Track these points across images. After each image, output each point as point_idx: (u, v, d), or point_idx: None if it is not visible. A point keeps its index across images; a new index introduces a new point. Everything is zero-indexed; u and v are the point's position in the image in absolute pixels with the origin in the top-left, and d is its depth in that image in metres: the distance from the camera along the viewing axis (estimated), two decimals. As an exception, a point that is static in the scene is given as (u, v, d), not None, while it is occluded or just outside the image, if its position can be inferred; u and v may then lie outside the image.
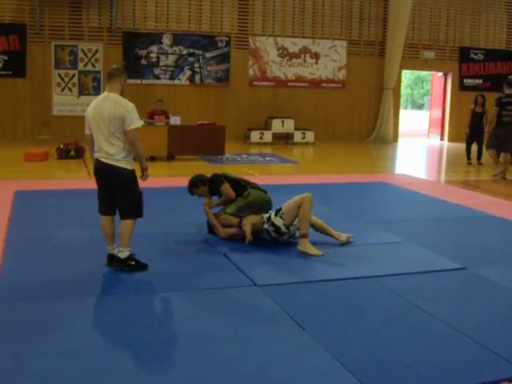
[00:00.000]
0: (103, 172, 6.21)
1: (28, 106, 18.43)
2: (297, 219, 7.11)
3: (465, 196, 11.18)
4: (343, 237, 7.41)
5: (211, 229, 7.70)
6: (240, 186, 7.78)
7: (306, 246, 6.95)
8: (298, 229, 7.20)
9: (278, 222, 7.14)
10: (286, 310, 5.26)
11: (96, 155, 6.24)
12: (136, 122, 6.13)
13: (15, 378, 4.02)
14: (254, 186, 7.84)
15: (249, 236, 7.21)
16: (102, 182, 6.30)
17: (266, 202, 7.67)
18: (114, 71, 6.30)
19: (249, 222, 7.31)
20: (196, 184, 7.75)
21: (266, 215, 7.27)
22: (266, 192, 7.82)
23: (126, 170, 6.15)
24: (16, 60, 18.26)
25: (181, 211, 8.94)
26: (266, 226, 7.20)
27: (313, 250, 6.90)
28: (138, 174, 6.33)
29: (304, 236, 6.98)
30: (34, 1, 18.00)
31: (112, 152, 6.08)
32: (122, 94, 6.24)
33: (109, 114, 6.02)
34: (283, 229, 7.14)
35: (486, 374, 4.25)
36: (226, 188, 7.63)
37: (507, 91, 13.80)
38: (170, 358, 4.39)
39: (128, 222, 6.19)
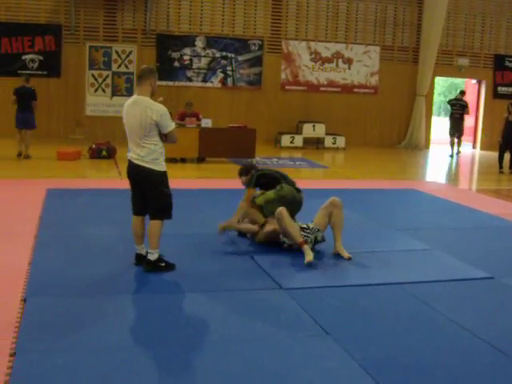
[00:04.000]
0: (134, 173, 6.27)
1: (62, 105, 18.64)
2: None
3: (496, 205, 11.09)
4: (346, 254, 7.06)
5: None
6: (275, 179, 7.75)
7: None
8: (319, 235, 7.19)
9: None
10: (311, 314, 5.28)
11: (128, 156, 6.30)
12: (171, 123, 6.21)
13: (44, 372, 4.09)
14: (290, 182, 7.76)
15: (259, 238, 7.32)
16: (134, 183, 6.35)
17: (296, 200, 7.59)
18: (142, 72, 6.27)
19: (272, 227, 7.30)
20: (242, 172, 7.95)
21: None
22: (299, 191, 7.72)
23: (156, 171, 6.18)
24: (51, 60, 18.49)
25: (209, 213, 9.00)
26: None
27: (308, 256, 6.73)
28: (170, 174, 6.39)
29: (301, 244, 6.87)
30: (69, 2, 18.20)
31: (143, 154, 6.12)
32: (153, 95, 6.25)
33: (140, 120, 6.04)
34: (310, 225, 7.12)
35: (508, 382, 4.24)
36: (249, 192, 7.61)
37: (457, 96, 20.85)
38: (194, 358, 4.43)
39: (156, 223, 6.23)
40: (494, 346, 4.77)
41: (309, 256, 6.69)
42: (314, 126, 19.97)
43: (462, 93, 20.91)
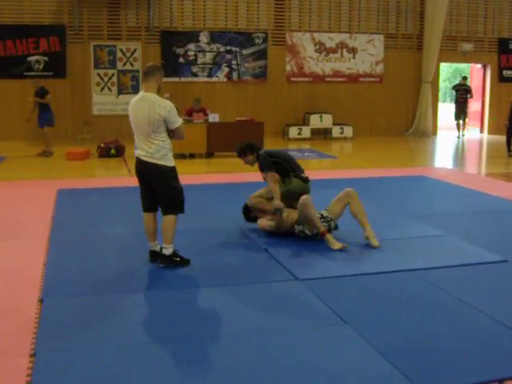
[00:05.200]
0: (144, 170, 6.28)
1: (69, 106, 18.65)
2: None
3: (506, 188, 11.07)
4: (375, 242, 7.08)
5: (248, 217, 7.81)
6: (285, 170, 7.67)
7: (328, 241, 6.96)
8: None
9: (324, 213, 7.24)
10: (328, 304, 5.29)
11: (136, 153, 6.31)
12: (179, 119, 6.23)
13: (65, 372, 4.12)
14: (298, 175, 7.71)
15: (276, 221, 7.31)
16: (143, 180, 6.38)
17: (304, 192, 7.55)
18: (149, 69, 6.30)
19: (287, 214, 7.35)
20: (244, 151, 7.72)
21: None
22: (307, 181, 7.73)
23: (166, 167, 6.20)
24: (56, 61, 18.50)
25: (220, 207, 9.03)
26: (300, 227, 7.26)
27: (335, 245, 6.89)
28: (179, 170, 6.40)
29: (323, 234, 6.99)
30: (73, 2, 18.21)
31: (151, 151, 6.14)
32: (159, 91, 6.28)
33: (148, 116, 6.06)
34: (324, 214, 7.22)
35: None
36: (272, 176, 7.45)
37: (460, 82, 21.86)
38: (213, 352, 4.45)
39: (170, 218, 6.25)
40: (511, 328, 4.78)
41: (336, 244, 6.84)
42: (320, 116, 19.95)
43: (465, 78, 22.15)
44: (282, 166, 7.70)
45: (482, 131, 22.82)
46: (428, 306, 5.33)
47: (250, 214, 7.80)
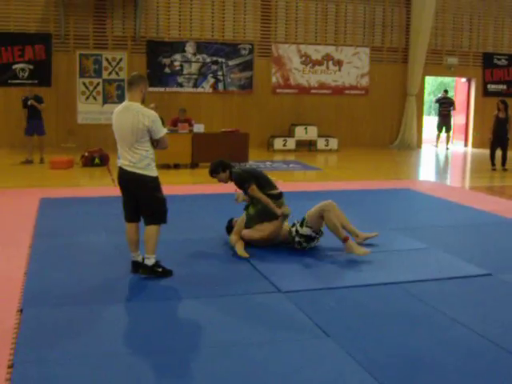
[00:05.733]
0: (127, 180, 6.24)
1: (53, 114, 18.50)
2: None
3: (490, 202, 11.10)
4: (361, 237, 7.53)
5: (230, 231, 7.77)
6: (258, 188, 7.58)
7: (351, 248, 6.99)
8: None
9: (307, 231, 7.20)
10: (310, 317, 5.26)
11: (119, 163, 6.27)
12: (163, 129, 6.22)
13: (44, 382, 4.07)
14: (266, 193, 7.50)
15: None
16: (126, 190, 6.33)
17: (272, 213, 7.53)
18: (133, 79, 6.27)
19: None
20: (216, 170, 7.59)
21: (294, 228, 7.30)
22: (279, 197, 7.61)
23: (149, 177, 6.16)
24: (41, 69, 18.43)
25: (204, 218, 8.99)
26: (297, 238, 7.26)
27: (359, 250, 6.97)
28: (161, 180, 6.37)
29: (345, 240, 7.03)
30: (59, 10, 18.15)
31: (135, 160, 6.11)
32: (143, 101, 6.25)
33: (132, 126, 6.03)
34: (313, 235, 7.24)
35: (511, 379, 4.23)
36: (255, 188, 7.41)
37: (443, 95, 22.54)
38: (194, 364, 4.41)
39: (153, 228, 6.21)
40: (494, 342, 4.77)
41: (361, 250, 6.99)
42: (306, 128, 19.98)
43: (446, 91, 23.02)
44: (258, 183, 7.62)
45: (466, 145, 22.96)
46: (411, 319, 5.31)
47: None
